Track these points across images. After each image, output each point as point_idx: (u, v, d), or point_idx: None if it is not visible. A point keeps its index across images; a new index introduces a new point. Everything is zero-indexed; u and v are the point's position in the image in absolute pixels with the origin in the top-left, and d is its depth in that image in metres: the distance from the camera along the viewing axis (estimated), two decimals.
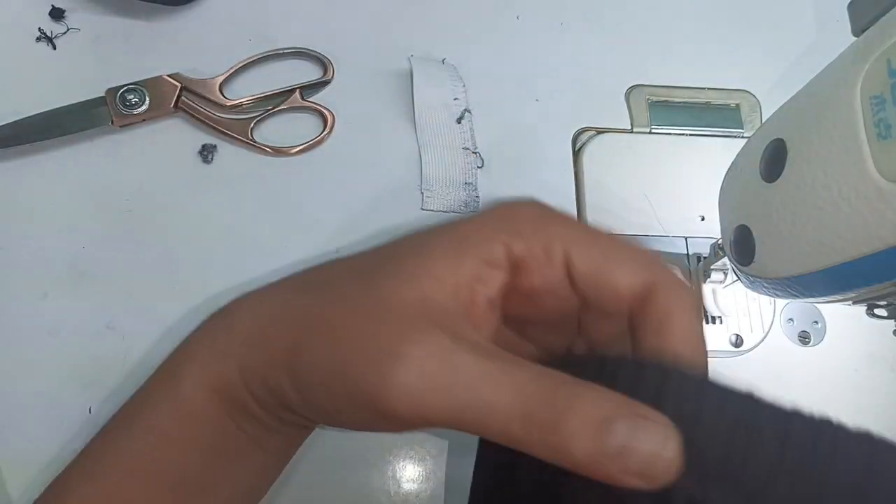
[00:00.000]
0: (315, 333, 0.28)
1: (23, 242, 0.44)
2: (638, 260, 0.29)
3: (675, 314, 0.28)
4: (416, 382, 0.24)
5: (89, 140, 0.46)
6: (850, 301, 0.32)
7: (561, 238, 0.29)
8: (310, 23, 0.50)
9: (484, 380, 0.24)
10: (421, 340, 0.25)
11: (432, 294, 0.27)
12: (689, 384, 0.25)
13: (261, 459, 0.33)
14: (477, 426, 0.24)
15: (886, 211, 0.26)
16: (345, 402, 0.26)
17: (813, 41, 0.53)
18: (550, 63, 0.52)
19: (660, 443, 0.23)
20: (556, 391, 0.24)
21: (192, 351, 0.32)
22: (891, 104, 0.26)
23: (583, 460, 0.23)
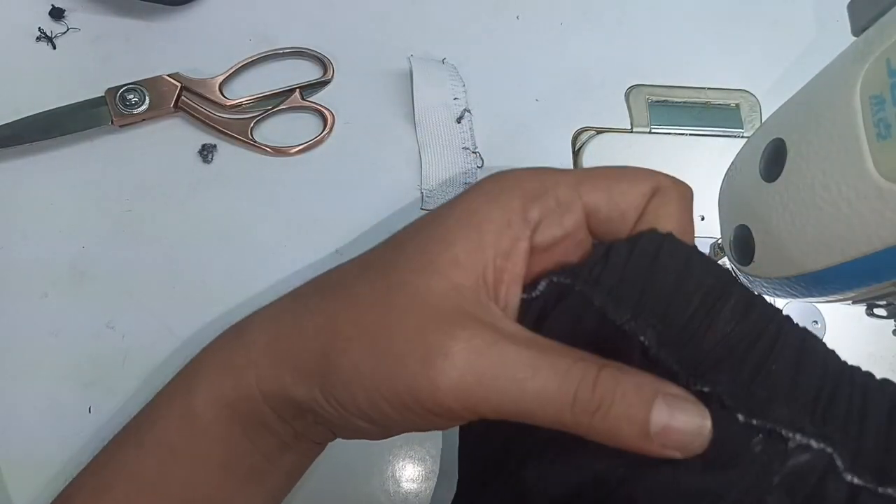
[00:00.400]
0: (350, 339, 0.27)
1: (23, 242, 0.44)
2: (640, 174, 0.30)
3: (670, 205, 0.30)
4: (465, 378, 0.25)
5: (89, 140, 0.46)
6: (850, 301, 0.32)
7: (570, 183, 0.29)
8: (310, 23, 0.50)
9: (528, 369, 0.25)
10: (464, 335, 0.26)
11: (461, 282, 0.27)
12: (681, 248, 0.28)
13: (274, 477, 0.32)
14: (528, 414, 0.26)
15: (886, 211, 0.26)
16: (389, 402, 0.26)
17: (812, 41, 0.53)
18: (550, 63, 0.52)
19: (698, 420, 0.25)
20: (598, 376, 0.25)
21: (205, 367, 0.31)
22: (890, 104, 0.26)
23: (630, 440, 0.25)
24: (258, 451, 0.31)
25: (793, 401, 0.25)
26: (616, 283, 0.27)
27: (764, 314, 0.27)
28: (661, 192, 0.30)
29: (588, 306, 0.27)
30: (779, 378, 0.26)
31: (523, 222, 0.29)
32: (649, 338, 0.26)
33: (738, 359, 0.26)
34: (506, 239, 0.28)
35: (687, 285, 0.27)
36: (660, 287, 0.27)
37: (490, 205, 0.29)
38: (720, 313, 0.26)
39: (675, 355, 0.26)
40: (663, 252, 0.27)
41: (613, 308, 0.27)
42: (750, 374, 0.26)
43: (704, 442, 0.25)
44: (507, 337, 0.26)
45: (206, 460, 0.30)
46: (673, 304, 0.27)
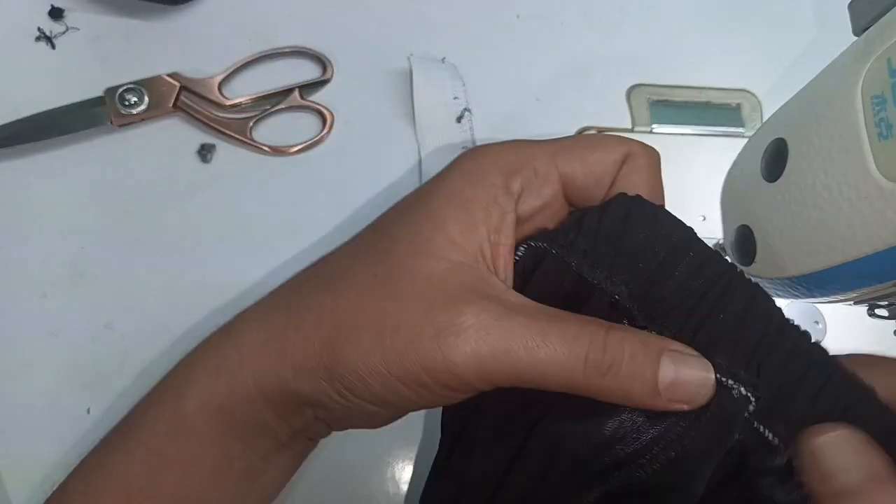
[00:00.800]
0: (355, 328, 0.28)
1: (21, 242, 0.44)
2: (612, 142, 0.32)
3: (641, 170, 0.32)
4: (479, 352, 0.26)
5: (88, 140, 0.46)
6: (852, 301, 0.32)
7: (546, 154, 0.31)
8: (309, 22, 0.50)
9: (538, 337, 0.26)
10: (472, 310, 0.27)
11: (460, 260, 0.28)
12: (649, 208, 0.30)
13: (268, 478, 0.32)
14: (540, 380, 0.27)
15: (887, 211, 0.26)
16: (405, 383, 0.27)
17: (813, 41, 0.53)
18: (551, 62, 0.52)
19: (702, 373, 0.26)
20: (606, 339, 0.26)
21: (195, 369, 0.31)
22: (891, 104, 0.26)
23: (641, 397, 0.26)
24: (253, 452, 0.31)
25: (732, 350, 0.27)
26: (590, 245, 0.29)
27: (718, 270, 0.28)
28: (632, 157, 0.32)
29: (565, 268, 0.29)
30: (723, 328, 0.27)
31: (507, 196, 0.30)
32: (621, 293, 0.28)
33: (688, 307, 0.28)
34: (495, 214, 0.29)
35: (654, 241, 0.29)
36: (630, 245, 0.28)
37: (474, 183, 0.30)
38: (679, 266, 0.28)
39: (637, 302, 0.28)
40: (632, 213, 0.29)
41: (589, 269, 0.28)
42: (697, 322, 0.27)
43: (709, 393, 0.26)
44: (513, 308, 0.27)
45: (197, 464, 0.30)
46: (642, 259, 0.28)
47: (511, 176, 0.30)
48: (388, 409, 0.29)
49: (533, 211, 0.31)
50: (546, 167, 0.31)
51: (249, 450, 0.31)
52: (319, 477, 0.41)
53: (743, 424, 0.26)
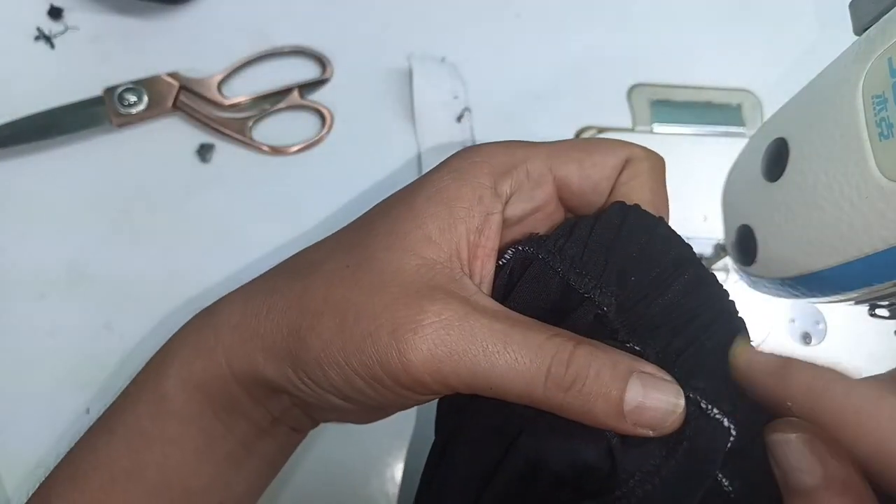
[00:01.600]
0: (319, 315, 0.27)
1: (20, 242, 0.44)
2: (612, 146, 0.31)
3: (642, 176, 0.30)
4: (434, 350, 0.25)
5: (87, 140, 0.46)
6: (852, 301, 0.32)
7: (540, 157, 0.30)
8: (308, 21, 0.50)
9: (501, 343, 0.25)
10: (433, 308, 0.26)
11: (433, 258, 0.27)
12: (645, 220, 0.28)
13: (252, 465, 0.32)
14: (498, 388, 0.26)
15: (888, 211, 0.26)
16: (362, 377, 0.26)
17: (814, 40, 0.53)
18: (551, 61, 0.51)
19: (671, 399, 0.25)
20: (573, 353, 0.25)
21: (175, 349, 0.31)
22: (892, 104, 0.26)
23: (605, 418, 0.25)
24: (233, 437, 0.31)
25: (717, 379, 0.26)
26: (580, 253, 0.28)
27: (712, 293, 0.28)
28: (633, 163, 0.31)
29: (552, 275, 0.28)
30: (709, 354, 0.26)
31: (494, 197, 0.29)
32: (609, 306, 0.27)
33: (676, 328, 0.26)
34: (477, 214, 0.28)
35: (649, 256, 0.27)
36: (623, 257, 0.27)
37: (460, 181, 0.29)
38: (672, 285, 0.27)
39: (623, 317, 0.27)
40: (628, 223, 0.28)
41: (576, 277, 0.27)
42: (683, 344, 0.26)
43: (677, 421, 0.25)
44: (478, 310, 0.26)
45: (178, 445, 0.30)
46: (634, 272, 0.27)
47: (501, 177, 0.29)
48: (352, 404, 0.28)
49: (524, 214, 0.30)
50: (540, 169, 0.30)
51: (230, 433, 0.30)
52: (318, 476, 0.41)
53: (723, 458, 0.25)
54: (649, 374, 0.25)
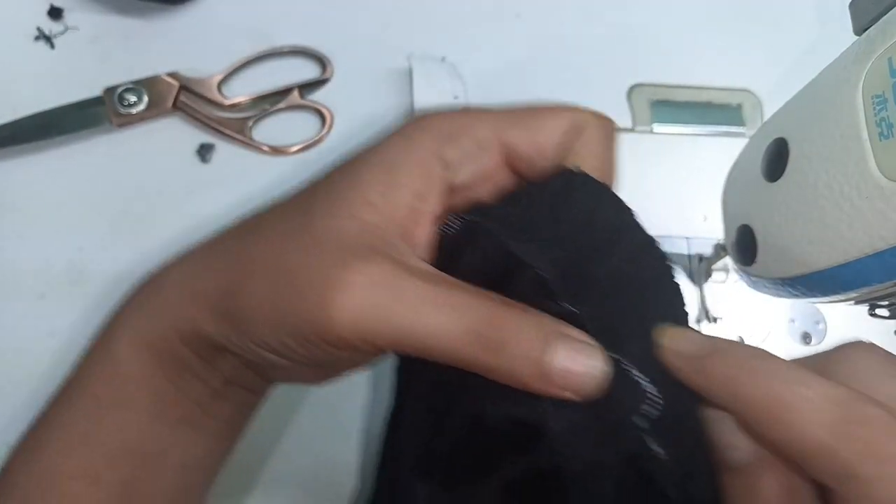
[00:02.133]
0: (253, 274, 0.27)
1: (20, 242, 0.44)
2: (559, 111, 0.31)
3: (591, 142, 0.30)
4: (360, 308, 0.25)
5: (87, 140, 0.46)
6: (852, 301, 0.32)
7: (487, 123, 0.30)
8: (308, 21, 0.50)
9: (429, 304, 0.25)
10: (363, 267, 0.26)
11: (372, 221, 0.27)
12: (591, 187, 0.28)
13: (210, 428, 0.32)
14: (424, 349, 0.25)
15: (888, 210, 0.26)
16: (292, 336, 0.26)
17: (814, 40, 0.53)
18: (551, 61, 0.51)
19: (594, 363, 0.25)
20: (500, 315, 0.25)
21: (125, 313, 0.31)
22: (892, 103, 0.26)
23: (527, 380, 0.25)
24: (187, 398, 0.30)
25: (648, 348, 0.26)
26: (523, 221, 0.28)
27: (653, 260, 0.27)
28: (581, 128, 0.30)
29: (495, 243, 0.28)
30: (644, 323, 0.26)
31: (438, 163, 0.29)
32: (550, 273, 0.27)
33: (612, 293, 0.26)
34: (420, 180, 0.28)
35: (593, 222, 0.27)
36: (566, 224, 0.27)
37: (405, 148, 0.29)
38: (615, 252, 0.27)
39: (564, 283, 0.27)
40: (573, 190, 0.28)
41: (518, 245, 0.27)
42: (618, 311, 0.26)
43: (598, 384, 0.25)
44: (408, 271, 0.26)
45: (132, 407, 0.30)
46: (577, 240, 0.27)
47: (447, 143, 0.29)
48: (291, 362, 0.28)
49: (471, 180, 0.30)
50: (486, 135, 0.30)
51: (183, 395, 0.30)
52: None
53: (638, 430, 0.25)
54: (575, 338, 0.25)
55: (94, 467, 0.30)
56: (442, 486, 0.28)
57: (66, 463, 0.29)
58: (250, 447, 0.36)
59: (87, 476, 0.29)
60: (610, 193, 0.29)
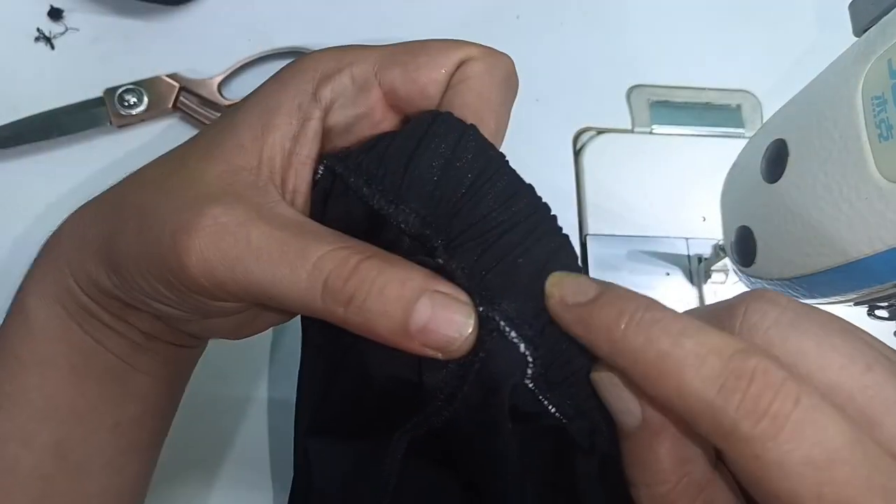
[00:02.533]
0: (126, 220, 0.27)
1: (20, 242, 0.44)
2: (443, 46, 0.29)
3: (474, 78, 0.28)
4: (206, 253, 0.24)
5: (88, 140, 0.46)
6: (852, 302, 0.32)
7: (367, 61, 0.28)
8: (308, 22, 0.50)
9: (274, 251, 0.24)
10: (213, 212, 0.25)
11: (239, 164, 0.27)
12: (452, 128, 0.26)
13: (141, 382, 0.31)
14: (277, 300, 0.25)
15: (887, 211, 0.26)
16: (157, 280, 0.26)
17: (814, 41, 0.53)
18: (551, 63, 0.52)
19: (460, 323, 0.24)
20: (358, 267, 0.24)
21: (32, 270, 0.30)
22: (892, 105, 0.26)
23: (389, 336, 0.24)
24: (108, 351, 0.30)
25: (523, 300, 0.24)
26: (376, 168, 0.26)
27: (527, 205, 0.25)
28: (466, 64, 0.28)
29: (354, 192, 0.26)
30: (519, 273, 0.24)
31: (313, 102, 0.28)
32: (411, 223, 0.25)
33: (486, 242, 0.25)
34: (294, 121, 0.27)
35: (455, 167, 0.25)
36: (424, 169, 0.25)
37: (280, 89, 0.28)
38: (485, 196, 0.25)
39: (430, 232, 0.25)
40: (431, 133, 0.26)
41: (372, 193, 0.26)
42: (492, 260, 0.25)
43: (465, 344, 0.24)
44: (263, 217, 0.25)
45: (53, 365, 0.29)
46: (440, 186, 0.25)
47: (322, 82, 0.28)
48: (179, 312, 0.28)
49: (349, 121, 0.29)
50: (365, 74, 0.28)
51: (102, 348, 0.30)
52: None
53: (520, 390, 0.24)
54: (442, 293, 0.24)
55: (23, 428, 0.29)
56: (335, 442, 0.28)
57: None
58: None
59: (17, 438, 0.29)
60: (474, 133, 0.26)
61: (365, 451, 0.27)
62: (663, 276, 0.47)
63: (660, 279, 0.47)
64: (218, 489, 0.41)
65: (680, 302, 0.47)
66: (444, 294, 0.24)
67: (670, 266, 0.47)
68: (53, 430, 0.29)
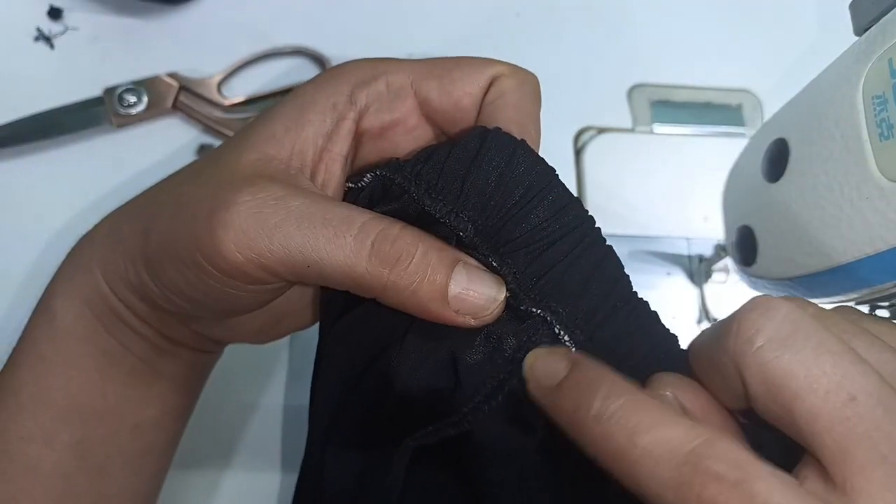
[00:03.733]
0: (161, 212, 0.27)
1: (20, 242, 0.44)
2: (476, 63, 0.30)
3: (508, 94, 0.29)
4: (246, 225, 0.24)
5: (87, 140, 0.46)
6: (853, 302, 0.32)
7: (402, 71, 0.29)
8: (308, 22, 0.50)
9: (318, 218, 0.25)
10: (251, 189, 0.25)
11: (270, 153, 0.27)
12: (505, 143, 0.27)
13: (162, 386, 0.32)
14: (318, 267, 0.25)
15: (888, 211, 0.26)
16: (189, 268, 0.26)
17: (814, 40, 0.53)
18: (551, 62, 0.51)
19: (494, 288, 0.25)
20: (400, 232, 0.25)
21: (61, 272, 0.31)
22: (892, 104, 0.26)
23: (429, 301, 0.25)
24: (132, 354, 0.30)
25: (573, 307, 0.26)
26: (435, 179, 0.27)
27: (575, 218, 0.27)
28: (499, 80, 0.30)
29: (409, 200, 0.27)
30: (567, 281, 0.26)
31: (348, 104, 0.29)
32: (467, 231, 0.27)
33: (537, 251, 0.26)
34: (328, 119, 0.28)
35: (508, 180, 0.27)
36: (480, 181, 0.27)
37: (317, 89, 0.29)
38: (537, 208, 0.26)
39: (485, 240, 0.27)
40: (485, 147, 0.27)
41: (432, 202, 0.27)
42: (542, 268, 0.26)
43: (497, 311, 0.25)
44: (300, 192, 0.26)
45: (78, 364, 0.30)
46: (494, 197, 0.27)
47: (359, 86, 0.29)
48: (200, 309, 0.28)
49: (383, 126, 0.30)
50: (400, 82, 0.29)
51: (127, 351, 0.30)
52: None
53: None
54: (473, 265, 0.26)
55: (45, 428, 0.29)
56: (350, 447, 0.29)
57: (17, 425, 0.29)
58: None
59: (40, 437, 0.29)
60: (524, 149, 0.28)
61: (376, 458, 0.28)
62: (664, 276, 0.47)
63: (661, 279, 0.47)
64: (224, 490, 0.41)
65: (681, 302, 0.47)
66: (474, 265, 0.26)
67: (671, 266, 0.47)
68: (75, 430, 0.30)
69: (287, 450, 0.42)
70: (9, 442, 0.29)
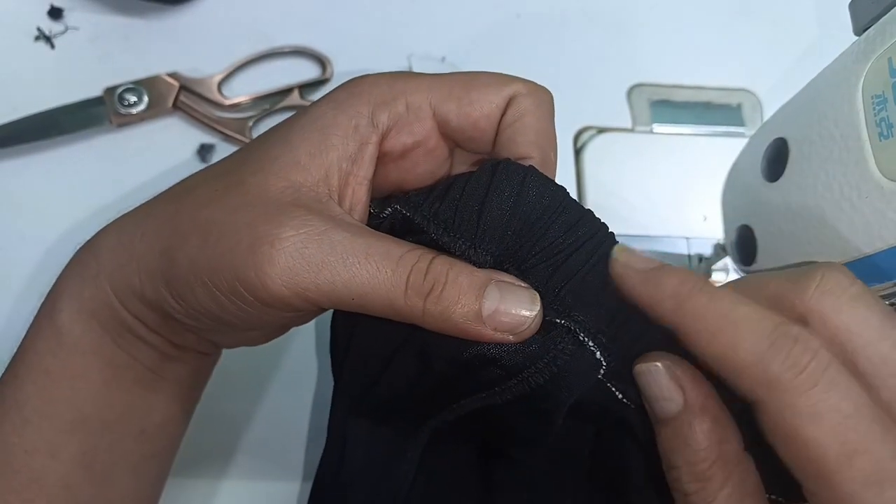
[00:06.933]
0: (186, 235, 0.27)
1: (20, 242, 0.44)
2: (493, 82, 0.30)
3: (527, 114, 0.30)
4: (293, 263, 0.25)
5: (87, 140, 0.46)
6: None
7: (420, 90, 0.30)
8: (309, 21, 0.50)
9: (360, 254, 0.26)
10: (293, 222, 0.26)
11: (298, 180, 0.27)
12: (515, 172, 0.28)
13: (167, 390, 0.32)
14: (361, 300, 0.26)
15: (888, 211, 0.26)
16: (227, 296, 0.26)
17: (814, 40, 0.53)
18: (551, 61, 0.51)
19: (527, 304, 0.26)
20: (434, 262, 0.26)
21: (63, 284, 0.30)
22: (892, 103, 0.26)
23: (464, 323, 0.26)
24: (138, 363, 0.30)
25: (595, 312, 0.27)
26: (452, 216, 0.28)
27: (590, 228, 0.28)
28: (517, 100, 0.30)
29: (427, 239, 0.28)
30: (587, 288, 0.27)
31: (370, 126, 0.29)
32: (486, 263, 0.27)
33: (555, 264, 0.27)
34: (351, 143, 0.28)
35: (522, 208, 0.28)
36: (496, 213, 0.28)
37: (337, 110, 0.29)
38: (550, 227, 0.28)
39: (505, 260, 0.28)
40: (496, 179, 0.28)
41: (451, 240, 0.28)
42: (562, 279, 0.27)
43: (534, 326, 0.26)
44: (340, 226, 0.26)
45: (85, 378, 0.30)
46: (510, 226, 0.28)
47: (379, 107, 0.29)
48: (227, 326, 0.28)
49: (405, 148, 0.30)
50: (420, 103, 0.30)
51: (134, 360, 0.30)
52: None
53: (595, 384, 0.27)
54: (506, 282, 0.26)
55: (51, 441, 0.29)
56: (374, 426, 0.30)
57: (22, 439, 0.29)
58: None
59: (45, 450, 0.29)
60: (534, 175, 0.29)
61: (398, 437, 0.30)
62: None
63: None
64: (227, 487, 0.41)
65: None
66: (507, 282, 0.26)
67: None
68: (81, 441, 0.30)
69: (285, 456, 0.42)
70: (13, 455, 0.29)
